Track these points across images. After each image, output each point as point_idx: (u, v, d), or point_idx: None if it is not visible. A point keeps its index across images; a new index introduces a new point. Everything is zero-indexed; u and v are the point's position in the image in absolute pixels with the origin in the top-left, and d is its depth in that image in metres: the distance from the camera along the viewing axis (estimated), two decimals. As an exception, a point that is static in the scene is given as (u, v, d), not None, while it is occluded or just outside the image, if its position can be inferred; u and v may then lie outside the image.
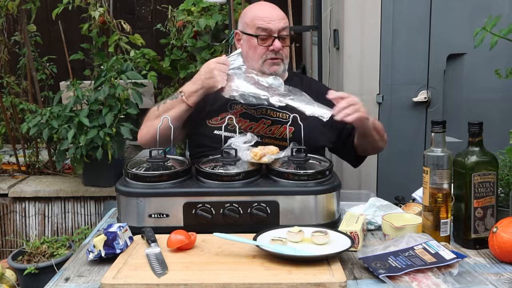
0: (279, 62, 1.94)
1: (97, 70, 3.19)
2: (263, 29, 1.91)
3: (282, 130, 1.88)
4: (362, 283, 1.25)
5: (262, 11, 1.95)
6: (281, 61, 1.94)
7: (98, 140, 2.95)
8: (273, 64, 1.93)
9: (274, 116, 1.93)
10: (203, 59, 3.43)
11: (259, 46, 1.92)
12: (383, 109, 2.73)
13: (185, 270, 1.29)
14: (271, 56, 1.92)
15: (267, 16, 1.92)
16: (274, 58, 1.93)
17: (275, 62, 1.93)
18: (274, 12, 1.95)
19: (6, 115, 3.59)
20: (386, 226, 1.48)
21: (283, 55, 1.94)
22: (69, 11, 3.29)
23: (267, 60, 1.93)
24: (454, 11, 2.64)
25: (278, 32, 1.91)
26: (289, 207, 1.50)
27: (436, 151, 1.42)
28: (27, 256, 2.83)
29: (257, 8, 2.00)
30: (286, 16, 2.00)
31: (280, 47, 1.91)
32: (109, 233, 1.39)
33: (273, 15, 1.92)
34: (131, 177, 1.56)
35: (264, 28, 1.90)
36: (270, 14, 1.93)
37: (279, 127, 1.90)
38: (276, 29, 1.90)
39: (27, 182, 3.46)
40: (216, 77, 1.79)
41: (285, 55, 1.96)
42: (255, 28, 1.92)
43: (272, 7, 1.98)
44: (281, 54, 1.93)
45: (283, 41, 1.93)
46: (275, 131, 1.90)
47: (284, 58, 1.95)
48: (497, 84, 2.67)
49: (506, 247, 1.34)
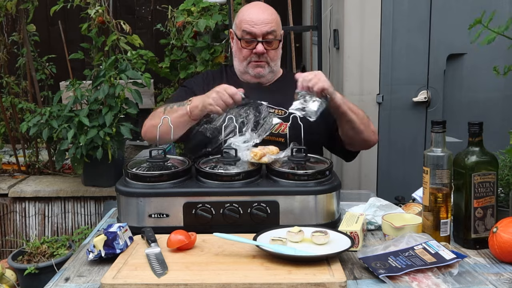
0: (264, 65, 1.98)
1: (96, 70, 3.19)
2: (248, 33, 1.95)
3: (278, 126, 1.90)
4: (362, 283, 1.25)
5: (249, 14, 1.97)
6: (266, 63, 1.99)
7: (98, 140, 2.94)
8: (257, 66, 1.98)
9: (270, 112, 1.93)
10: (203, 59, 3.43)
11: (243, 49, 1.97)
12: (383, 109, 2.73)
13: (185, 270, 1.29)
14: (255, 58, 1.97)
15: (252, 19, 1.95)
16: (257, 61, 1.97)
17: (259, 64, 1.98)
18: (262, 15, 1.96)
19: (6, 115, 3.59)
20: (386, 226, 1.48)
21: (268, 58, 1.98)
22: (69, 11, 3.29)
23: (251, 62, 1.98)
24: (454, 11, 2.64)
25: (263, 36, 1.94)
26: (289, 207, 1.50)
27: (436, 151, 1.42)
28: (27, 256, 2.83)
29: (247, 10, 2.02)
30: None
31: (262, 51, 1.95)
32: (109, 233, 1.39)
33: (260, 19, 1.94)
34: (131, 177, 1.56)
35: (248, 32, 1.95)
36: (257, 17, 1.95)
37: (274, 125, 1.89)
38: (260, 33, 1.94)
39: (27, 182, 3.46)
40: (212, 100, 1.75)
41: (271, 58, 1.99)
42: (241, 31, 1.97)
43: (261, 11, 1.99)
44: (265, 57, 1.97)
45: (268, 45, 1.96)
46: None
47: (269, 61, 1.99)
48: (497, 84, 2.67)
49: (506, 247, 1.34)
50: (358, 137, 1.94)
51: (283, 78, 2.10)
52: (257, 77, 2.01)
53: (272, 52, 1.98)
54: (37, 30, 3.57)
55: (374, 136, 1.99)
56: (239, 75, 2.06)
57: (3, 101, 3.56)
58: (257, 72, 1.99)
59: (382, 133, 2.75)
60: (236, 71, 2.08)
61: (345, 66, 2.73)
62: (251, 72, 1.99)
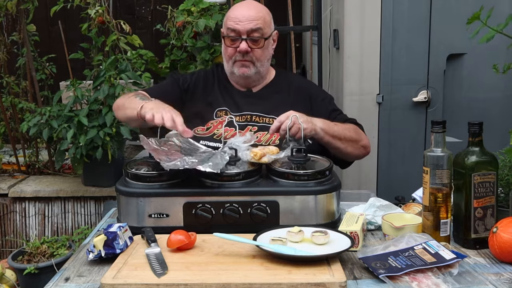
0: (249, 65, 1.90)
1: (96, 70, 3.19)
2: (232, 30, 1.88)
3: (269, 137, 1.86)
4: (362, 283, 1.25)
5: (235, 11, 1.91)
6: (251, 63, 1.90)
7: (98, 140, 2.95)
8: (242, 66, 1.91)
9: (260, 122, 1.90)
10: (203, 59, 3.43)
11: (228, 47, 1.90)
12: (383, 109, 2.73)
13: (185, 270, 1.29)
14: (239, 57, 1.89)
15: (237, 16, 1.88)
16: (242, 60, 1.89)
17: (243, 64, 1.90)
18: (248, 12, 1.89)
19: (6, 115, 3.59)
20: (386, 226, 1.48)
21: (254, 58, 1.90)
22: (69, 11, 3.29)
23: (236, 61, 1.91)
24: (454, 11, 2.65)
25: (247, 34, 1.87)
26: (289, 207, 1.50)
27: (436, 151, 1.42)
28: (27, 256, 2.83)
29: (234, 7, 1.97)
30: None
31: (246, 49, 1.86)
32: (109, 233, 1.39)
33: (244, 16, 1.87)
34: (131, 177, 1.56)
35: (233, 29, 1.88)
36: (241, 14, 1.88)
37: (266, 134, 1.86)
38: (244, 31, 1.86)
39: (27, 182, 3.46)
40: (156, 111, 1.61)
41: (257, 58, 1.90)
42: (226, 28, 1.91)
43: (249, 7, 1.92)
44: (250, 56, 1.89)
45: (254, 43, 1.88)
46: (261, 138, 1.86)
47: (254, 60, 1.90)
48: (497, 84, 2.67)
49: (506, 247, 1.34)
50: (346, 157, 1.91)
51: (274, 82, 2.02)
52: (243, 77, 1.93)
53: (258, 51, 1.89)
54: (37, 30, 3.57)
55: (365, 151, 1.92)
56: (229, 77, 2.00)
57: (3, 101, 3.56)
58: (242, 73, 1.91)
59: (382, 133, 2.76)
60: (226, 72, 2.00)
61: (345, 66, 2.73)
62: (236, 72, 1.91)
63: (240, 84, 1.99)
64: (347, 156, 1.90)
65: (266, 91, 2.00)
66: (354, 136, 1.86)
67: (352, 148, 1.86)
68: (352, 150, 1.86)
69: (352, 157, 1.93)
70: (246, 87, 2.00)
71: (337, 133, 1.80)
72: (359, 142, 1.88)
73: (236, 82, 2.00)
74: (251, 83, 1.99)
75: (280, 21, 2.11)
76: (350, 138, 1.85)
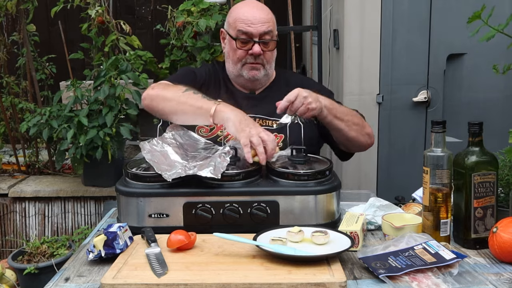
0: (259, 67, 1.88)
1: (96, 70, 3.19)
2: (244, 33, 1.84)
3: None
4: (362, 283, 1.25)
5: (245, 12, 1.86)
6: (262, 66, 1.88)
7: (98, 140, 2.95)
8: (252, 68, 1.88)
9: (263, 125, 1.87)
10: (203, 59, 3.43)
11: (238, 50, 1.86)
12: (383, 109, 2.73)
13: (185, 270, 1.29)
14: (250, 60, 1.86)
15: (249, 18, 1.84)
16: (253, 63, 1.87)
17: (254, 67, 1.87)
18: (258, 14, 1.85)
19: (6, 115, 3.59)
20: (386, 226, 1.48)
21: (264, 60, 1.87)
22: (69, 11, 3.29)
23: (247, 64, 1.87)
24: (454, 11, 2.65)
25: (260, 37, 1.84)
26: (289, 207, 1.50)
27: (436, 151, 1.42)
28: (27, 256, 2.83)
29: (242, 8, 1.91)
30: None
31: (259, 52, 1.84)
32: (109, 233, 1.39)
33: (256, 18, 1.84)
34: (131, 177, 1.56)
35: (245, 31, 1.83)
36: (253, 16, 1.84)
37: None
38: (257, 33, 1.83)
39: (27, 182, 3.46)
40: (255, 138, 1.56)
41: (267, 60, 1.88)
42: (236, 30, 1.85)
43: (257, 8, 1.89)
44: (261, 59, 1.87)
45: (265, 46, 1.86)
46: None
47: (265, 63, 1.88)
48: (497, 84, 2.67)
49: (506, 247, 1.34)
50: (350, 143, 1.88)
51: (274, 83, 2.00)
52: (252, 80, 1.91)
53: (268, 54, 1.88)
54: (37, 30, 3.57)
55: (369, 139, 1.89)
56: (232, 78, 1.96)
57: (3, 101, 3.56)
58: (252, 75, 1.88)
59: (382, 133, 2.75)
60: (228, 73, 1.96)
61: (345, 66, 2.73)
62: (245, 75, 1.88)
63: (246, 87, 1.97)
64: (351, 142, 1.86)
65: (268, 93, 1.98)
66: (357, 121, 1.85)
67: (355, 132, 1.83)
68: (356, 134, 1.83)
69: (356, 144, 1.88)
70: (251, 89, 1.97)
71: (340, 112, 1.78)
72: (363, 129, 1.86)
73: (242, 84, 1.96)
74: (257, 86, 1.96)
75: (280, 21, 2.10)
76: (353, 122, 1.82)
